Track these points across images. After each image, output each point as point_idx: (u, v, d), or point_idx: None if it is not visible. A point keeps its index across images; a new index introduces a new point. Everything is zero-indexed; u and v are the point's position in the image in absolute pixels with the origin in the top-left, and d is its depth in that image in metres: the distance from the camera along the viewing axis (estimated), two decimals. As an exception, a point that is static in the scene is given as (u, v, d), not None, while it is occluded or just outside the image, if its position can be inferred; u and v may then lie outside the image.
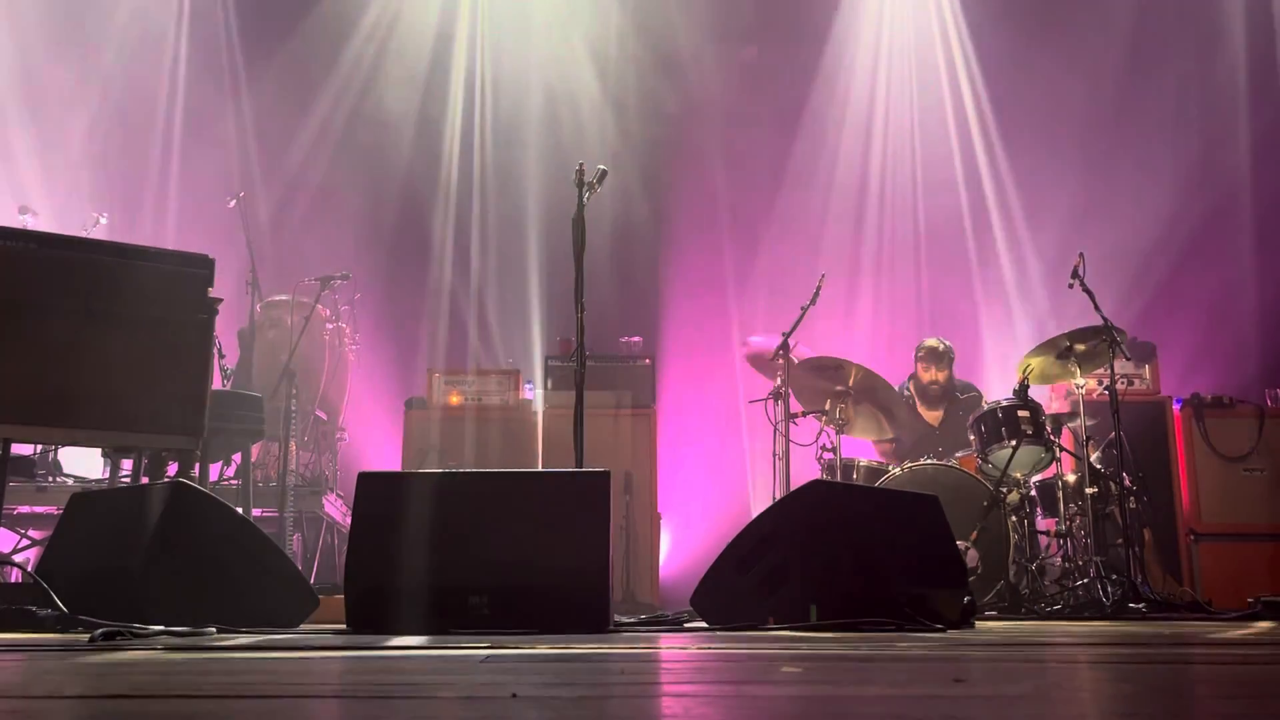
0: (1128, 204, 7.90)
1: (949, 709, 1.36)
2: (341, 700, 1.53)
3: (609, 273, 8.05)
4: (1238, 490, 6.29)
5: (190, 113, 8.42)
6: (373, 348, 7.67)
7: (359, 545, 3.37)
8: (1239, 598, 5.09)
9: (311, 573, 5.93)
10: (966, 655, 2.30)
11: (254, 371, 6.31)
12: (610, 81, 8.55)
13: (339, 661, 2.15)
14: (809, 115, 8.59)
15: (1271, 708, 1.38)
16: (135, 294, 3.65)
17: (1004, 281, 8.25)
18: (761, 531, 3.71)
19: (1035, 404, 5.47)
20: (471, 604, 3.23)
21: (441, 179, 8.53)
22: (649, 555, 6.27)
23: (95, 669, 1.88)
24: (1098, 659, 2.31)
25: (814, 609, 3.39)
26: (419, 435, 6.44)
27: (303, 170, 8.33)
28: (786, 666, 1.97)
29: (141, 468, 3.95)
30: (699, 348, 8.16)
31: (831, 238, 8.27)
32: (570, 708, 1.35)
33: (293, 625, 3.35)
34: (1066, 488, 5.40)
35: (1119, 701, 1.51)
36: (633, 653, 2.37)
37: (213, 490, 4.48)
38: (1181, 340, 7.65)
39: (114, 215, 6.65)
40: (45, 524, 5.41)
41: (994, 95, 8.51)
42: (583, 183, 4.11)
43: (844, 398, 5.65)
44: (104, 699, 1.46)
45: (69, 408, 3.54)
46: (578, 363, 3.99)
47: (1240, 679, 1.83)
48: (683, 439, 7.66)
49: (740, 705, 1.44)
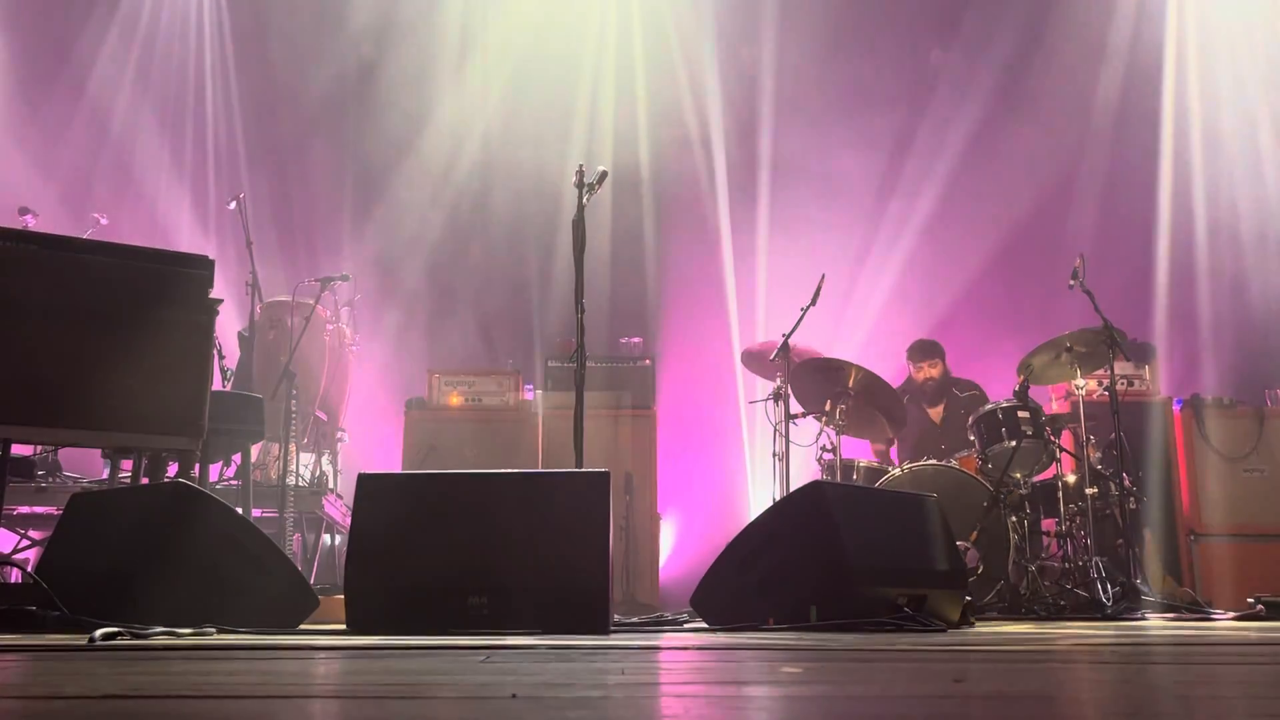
0: (1128, 204, 7.91)
1: (949, 709, 1.36)
2: (341, 700, 1.53)
3: (609, 273, 8.06)
4: (1238, 490, 6.30)
5: (191, 113, 8.42)
6: (373, 348, 7.67)
7: (359, 546, 3.37)
8: (1239, 598, 5.09)
9: (311, 573, 5.93)
10: (966, 655, 2.30)
11: (254, 372, 6.31)
12: (611, 81, 8.55)
13: (339, 661, 2.15)
14: (809, 114, 8.59)
15: (1271, 708, 1.38)
16: (135, 294, 3.65)
17: (1004, 281, 8.25)
18: (761, 532, 3.71)
19: (1035, 404, 5.47)
20: (471, 604, 3.24)
21: (441, 179, 8.53)
22: (649, 555, 6.27)
23: (95, 669, 1.88)
24: (1098, 659, 2.31)
25: (814, 609, 3.39)
26: (419, 435, 6.45)
27: (302, 170, 8.33)
28: (786, 666, 1.97)
29: (141, 468, 3.94)
30: (699, 348, 8.16)
31: (832, 237, 8.26)
32: (570, 708, 1.35)
33: (293, 625, 3.35)
34: (1066, 488, 5.40)
35: (1119, 702, 1.51)
36: (633, 653, 2.37)
37: (213, 491, 4.48)
38: (1181, 340, 7.67)
39: (114, 215, 6.65)
40: (45, 524, 5.41)
41: (998, 91, 8.51)
42: (583, 184, 4.12)
43: (844, 398, 5.65)
44: (104, 699, 1.46)
45: (69, 408, 3.54)
46: (578, 363, 4.00)
47: (1240, 679, 1.83)
48: (683, 439, 7.66)
49: (740, 705, 1.44)
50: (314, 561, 6.11)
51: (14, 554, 5.25)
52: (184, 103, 8.46)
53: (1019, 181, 8.39)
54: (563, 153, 8.05)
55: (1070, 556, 5.32)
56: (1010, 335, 7.57)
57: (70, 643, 2.47)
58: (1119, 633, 3.49)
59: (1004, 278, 8.25)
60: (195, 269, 3.77)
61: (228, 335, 6.48)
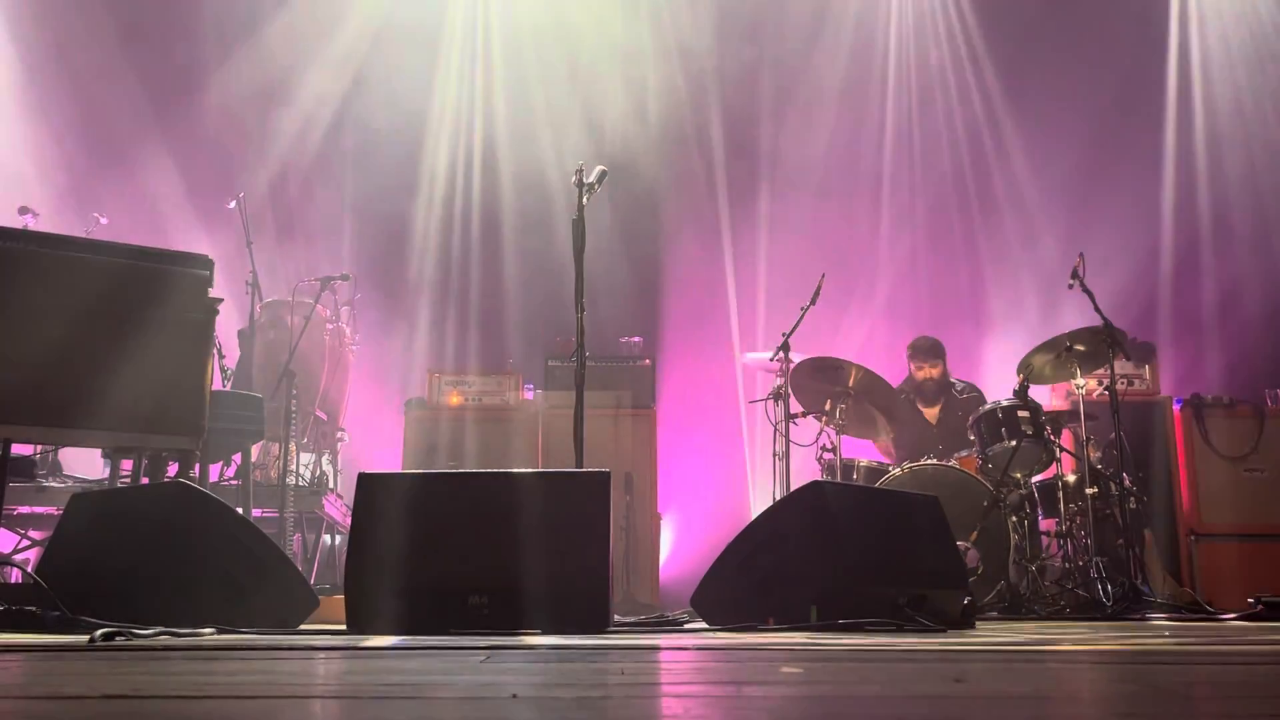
0: (1129, 204, 7.91)
1: (949, 709, 1.36)
2: (342, 700, 1.53)
3: (609, 273, 8.06)
4: (1238, 490, 6.29)
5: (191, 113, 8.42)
6: (373, 348, 7.67)
7: (359, 546, 3.37)
8: (1239, 598, 5.08)
9: (311, 573, 5.92)
10: (966, 655, 2.30)
11: (254, 372, 6.31)
12: (612, 80, 8.55)
13: (339, 661, 2.15)
14: (809, 113, 8.59)
15: (1271, 708, 1.38)
16: (135, 294, 3.65)
17: (1004, 281, 8.25)
18: (761, 532, 3.71)
19: (1035, 404, 5.47)
20: (472, 604, 3.23)
21: (442, 178, 8.53)
22: (649, 555, 6.28)
23: (95, 669, 1.88)
24: (1098, 659, 2.31)
25: (814, 609, 3.39)
26: (419, 435, 6.45)
27: (302, 169, 8.33)
28: (786, 666, 1.97)
29: (141, 468, 3.94)
30: (699, 348, 8.16)
31: (832, 237, 8.26)
32: (570, 708, 1.35)
33: (293, 625, 3.35)
34: (1066, 488, 5.40)
35: (1119, 702, 1.51)
36: (633, 653, 2.37)
37: (213, 490, 4.48)
38: (1181, 340, 7.67)
39: (114, 215, 6.64)
40: (45, 524, 5.40)
41: (998, 92, 8.51)
42: (583, 183, 4.12)
43: (844, 398, 5.65)
44: (104, 699, 1.45)
45: (69, 408, 3.54)
46: (578, 363, 3.99)
47: (1240, 679, 1.83)
48: (683, 439, 7.66)
49: (740, 705, 1.44)
50: (314, 561, 6.11)
51: (14, 554, 5.24)
52: (184, 102, 8.45)
53: (1019, 180, 8.39)
54: (563, 152, 8.05)
55: (1070, 556, 5.32)
56: (1010, 335, 7.58)
57: (70, 643, 2.47)
58: (1119, 633, 3.48)
59: (1004, 277, 8.25)
60: (195, 269, 3.76)
61: (228, 335, 6.48)
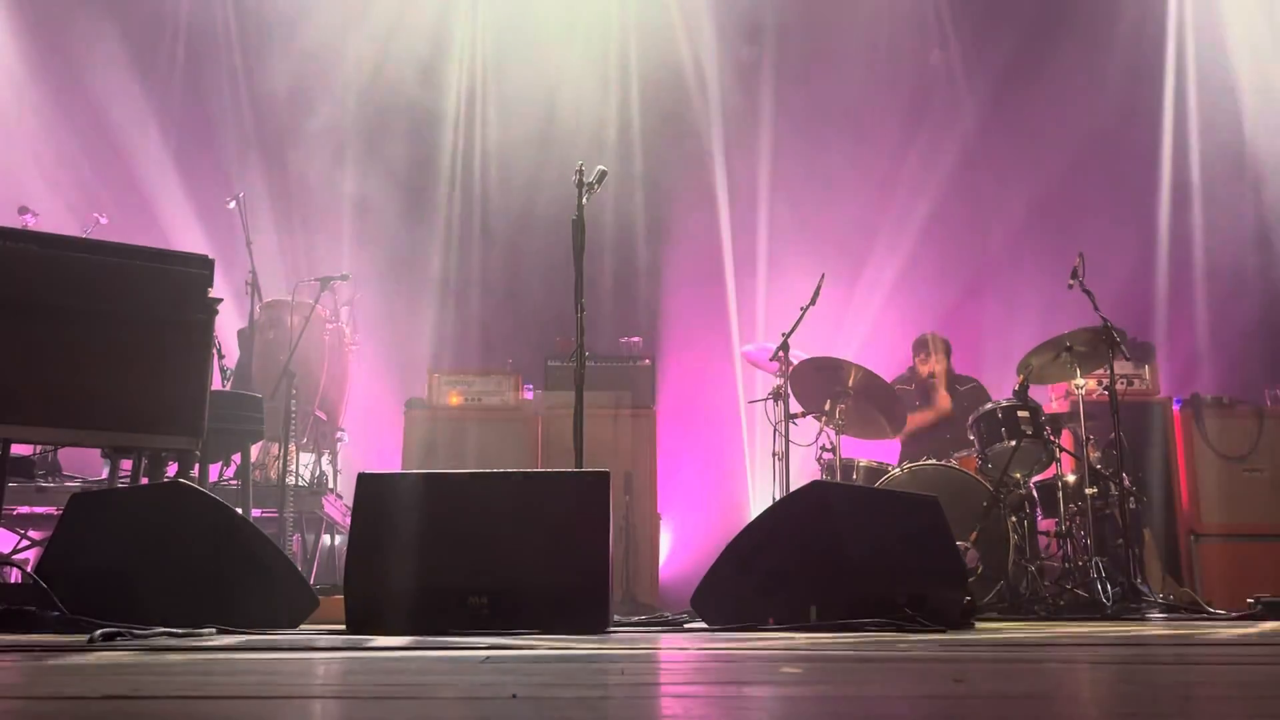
0: (1129, 204, 7.91)
1: (949, 709, 1.36)
2: (342, 701, 1.53)
3: (609, 273, 8.06)
4: (1238, 490, 6.30)
5: (191, 112, 8.42)
6: (373, 348, 7.67)
7: (359, 546, 3.37)
8: (1239, 598, 5.09)
9: (311, 573, 5.93)
10: (966, 655, 2.30)
11: (254, 372, 6.31)
12: (612, 80, 8.55)
13: (339, 662, 2.15)
14: (809, 113, 8.59)
15: (1271, 708, 1.38)
16: (135, 294, 3.65)
17: (1004, 281, 8.25)
18: (761, 532, 3.71)
19: (1035, 404, 5.47)
20: (471, 604, 3.23)
21: (441, 178, 8.53)
22: (649, 555, 6.27)
23: (95, 669, 1.88)
24: (1098, 659, 2.31)
25: (814, 609, 3.39)
26: (419, 435, 6.45)
27: (301, 169, 8.33)
28: (786, 667, 1.97)
29: (141, 468, 3.94)
30: (699, 348, 8.16)
31: (832, 237, 8.26)
32: (570, 708, 1.35)
33: (293, 625, 3.35)
34: (1066, 488, 5.40)
35: (1119, 702, 1.51)
36: (633, 653, 2.37)
37: (212, 490, 4.48)
38: (1182, 340, 7.66)
39: (114, 215, 6.65)
40: (45, 524, 5.40)
41: (998, 91, 8.51)
42: (583, 183, 4.12)
43: (844, 398, 5.65)
44: (104, 699, 1.45)
45: (69, 408, 3.54)
46: (578, 363, 3.99)
47: (1240, 679, 1.83)
48: (683, 439, 7.66)
49: (740, 705, 1.44)
50: (314, 561, 6.11)
51: (14, 554, 5.24)
52: (185, 101, 8.46)
53: (1019, 181, 8.39)
54: (562, 151, 8.05)
55: (1070, 556, 5.32)
56: (1010, 335, 7.58)
57: (70, 643, 2.47)
58: (1119, 633, 3.48)
59: (1004, 277, 8.25)
60: (195, 268, 3.76)
61: (228, 335, 6.48)
